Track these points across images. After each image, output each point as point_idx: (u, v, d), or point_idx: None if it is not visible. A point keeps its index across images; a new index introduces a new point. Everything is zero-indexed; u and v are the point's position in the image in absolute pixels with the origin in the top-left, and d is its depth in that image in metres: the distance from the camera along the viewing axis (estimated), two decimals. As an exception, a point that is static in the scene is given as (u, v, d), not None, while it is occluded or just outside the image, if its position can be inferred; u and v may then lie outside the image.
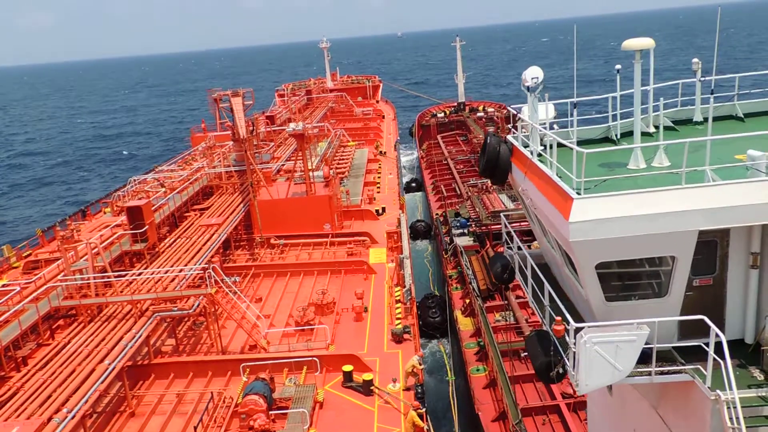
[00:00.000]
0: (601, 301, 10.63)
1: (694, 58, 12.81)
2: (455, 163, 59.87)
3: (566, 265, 11.62)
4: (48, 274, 26.85)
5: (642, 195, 9.78)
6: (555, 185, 10.61)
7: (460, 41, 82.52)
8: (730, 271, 10.63)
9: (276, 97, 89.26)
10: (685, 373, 10.18)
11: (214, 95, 40.08)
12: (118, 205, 36.48)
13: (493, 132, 14.59)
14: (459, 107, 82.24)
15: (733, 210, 9.62)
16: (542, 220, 11.99)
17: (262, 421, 19.46)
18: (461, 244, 37.40)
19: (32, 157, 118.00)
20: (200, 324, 26.64)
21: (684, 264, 10.12)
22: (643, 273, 10.64)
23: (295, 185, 38.67)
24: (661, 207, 9.66)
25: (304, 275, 32.49)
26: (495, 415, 23.14)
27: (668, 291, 10.42)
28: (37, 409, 17.99)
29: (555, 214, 10.48)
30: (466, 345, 28.65)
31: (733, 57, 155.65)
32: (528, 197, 12.45)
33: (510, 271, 14.55)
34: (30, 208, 78.61)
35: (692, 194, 9.70)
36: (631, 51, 11.12)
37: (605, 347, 9.80)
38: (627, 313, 10.36)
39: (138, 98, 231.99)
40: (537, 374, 11.69)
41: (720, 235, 10.32)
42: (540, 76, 12.33)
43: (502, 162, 13.35)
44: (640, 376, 10.24)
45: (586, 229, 9.75)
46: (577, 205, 9.78)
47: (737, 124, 13.87)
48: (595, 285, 10.44)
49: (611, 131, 13.63)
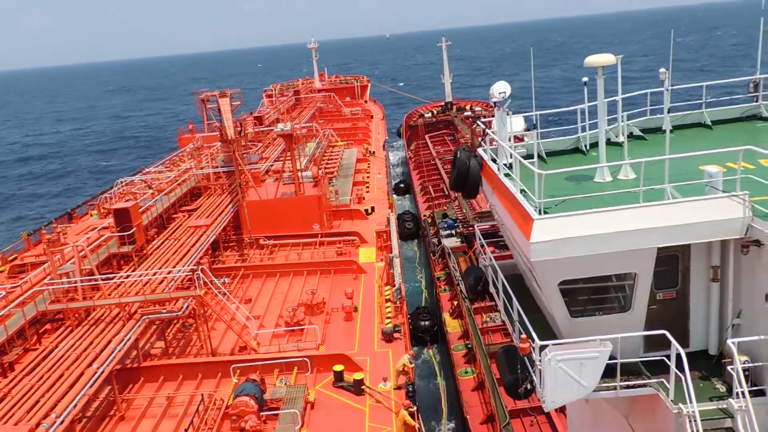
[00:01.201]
0: (566, 318, 10.76)
1: (661, 68, 12.99)
2: (443, 163, 59.92)
3: (534, 279, 11.71)
4: (34, 277, 26.57)
5: (601, 214, 9.88)
6: (518, 204, 10.70)
7: (446, 41, 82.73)
8: (692, 284, 10.77)
9: (264, 97, 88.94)
10: (649, 386, 10.33)
11: (201, 96, 39.84)
12: (105, 208, 36.24)
13: (464, 147, 14.62)
14: (446, 107, 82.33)
15: (691, 227, 9.74)
16: (509, 237, 12.08)
17: (253, 423, 19.39)
18: (449, 246, 37.38)
19: (18, 160, 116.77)
20: (190, 326, 26.50)
21: (645, 280, 10.28)
22: (607, 288, 10.76)
23: (284, 185, 38.58)
24: (620, 225, 9.75)
25: (294, 275, 32.42)
26: (483, 418, 23.21)
27: (631, 306, 10.57)
28: (25, 415, 17.78)
29: (518, 232, 10.59)
30: (455, 347, 28.68)
31: (717, 57, 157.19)
32: (496, 212, 12.54)
33: (484, 283, 14.61)
34: (15, 212, 77.77)
35: (650, 212, 9.80)
36: (594, 67, 11.20)
37: (569, 364, 9.92)
38: (592, 329, 10.48)
39: (123, 101, 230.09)
40: (505, 390, 11.87)
41: (681, 249, 10.46)
42: (507, 90, 12.47)
43: (472, 176, 13.40)
44: (606, 391, 10.38)
45: (547, 249, 9.84)
46: (537, 225, 9.86)
47: (705, 131, 14.05)
48: (559, 302, 10.58)
49: (581, 142, 13.77)
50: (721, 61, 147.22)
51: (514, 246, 12.44)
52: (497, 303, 13.44)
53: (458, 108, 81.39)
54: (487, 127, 13.66)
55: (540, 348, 10.08)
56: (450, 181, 14.32)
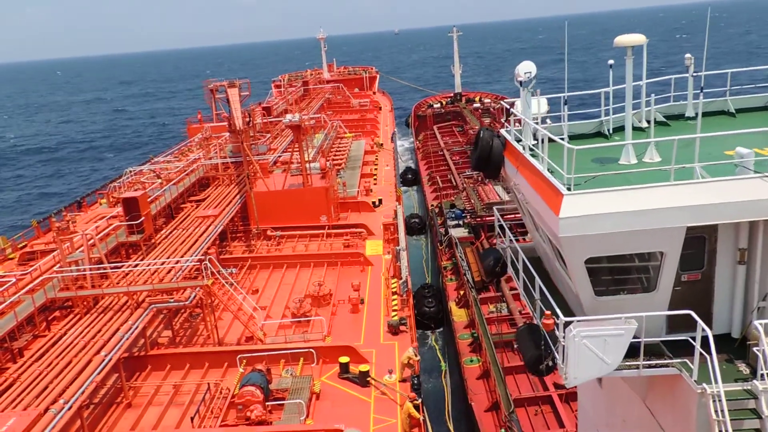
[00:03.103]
0: (591, 296, 10.74)
1: (687, 54, 12.80)
2: (451, 154, 59.86)
3: (557, 259, 11.71)
4: (44, 265, 26.81)
5: (631, 191, 9.86)
6: (546, 181, 10.67)
7: (457, 32, 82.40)
8: (717, 266, 10.72)
9: (273, 88, 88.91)
10: (672, 366, 10.31)
11: (210, 86, 39.87)
12: (114, 196, 36.39)
13: (486, 126, 14.55)
14: (455, 98, 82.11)
15: (721, 207, 9.71)
16: (533, 215, 12.06)
17: (258, 412, 19.53)
18: (456, 236, 37.44)
19: (27, 149, 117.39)
20: (197, 315, 26.66)
21: (672, 259, 10.22)
22: (632, 268, 10.75)
23: (292, 177, 38.59)
24: (650, 203, 9.74)
25: (301, 267, 32.51)
26: (488, 406, 23.31)
27: (656, 286, 10.54)
28: (33, 401, 18.00)
29: (545, 209, 10.55)
30: (460, 336, 28.77)
31: (730, 53, 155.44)
32: (519, 192, 12.50)
33: (502, 265, 14.63)
34: (25, 199, 78.32)
35: (681, 191, 9.78)
36: (623, 47, 11.11)
37: (594, 341, 9.93)
38: (616, 308, 10.47)
39: (127, 96, 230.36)
40: (527, 367, 11.82)
41: (708, 231, 10.40)
42: (533, 70, 12.33)
43: (495, 156, 13.33)
44: (628, 370, 10.36)
45: (576, 225, 9.82)
46: (567, 200, 9.85)
47: (728, 119, 13.94)
48: (584, 280, 10.55)
49: (604, 126, 13.68)
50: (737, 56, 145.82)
51: (537, 227, 12.41)
52: (516, 283, 13.46)
53: (467, 99, 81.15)
54: (511, 108, 13.54)
55: (564, 324, 10.08)
56: (471, 161, 14.26)
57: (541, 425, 22.26)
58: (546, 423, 22.35)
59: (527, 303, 12.66)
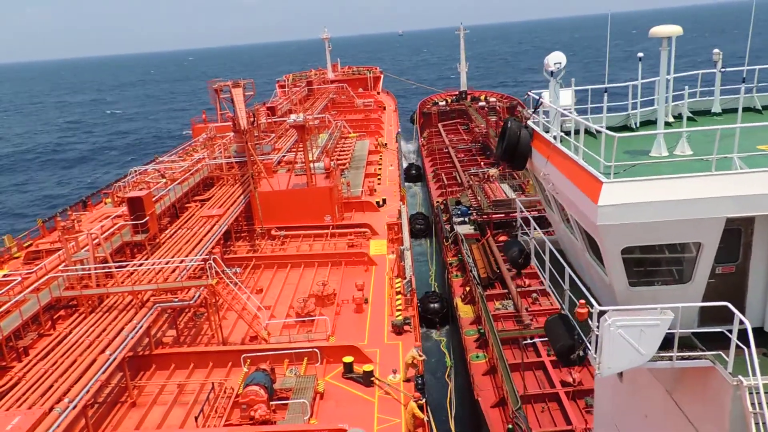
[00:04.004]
0: (625, 286, 10.63)
1: (715, 49, 12.65)
2: (456, 152, 59.96)
3: (587, 250, 11.63)
4: (49, 264, 26.89)
5: (671, 180, 9.78)
6: (582, 169, 10.58)
7: (464, 30, 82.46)
8: (753, 259, 10.62)
9: (277, 87, 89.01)
10: (706, 358, 10.19)
11: (214, 86, 39.95)
12: (118, 196, 36.49)
13: (514, 117, 14.50)
14: (461, 96, 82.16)
15: (762, 198, 9.63)
16: (565, 205, 11.94)
17: (262, 412, 19.53)
18: (462, 232, 37.51)
19: (28, 149, 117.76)
20: (201, 315, 26.69)
21: (709, 251, 10.12)
22: (667, 259, 10.67)
23: (296, 176, 38.62)
24: (690, 193, 9.66)
25: (305, 267, 32.52)
26: (494, 401, 23.30)
27: (692, 277, 10.44)
28: (38, 399, 18.04)
29: (581, 198, 10.46)
30: (466, 332, 28.80)
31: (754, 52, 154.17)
32: (549, 182, 12.40)
33: (525, 256, 14.59)
34: (32, 198, 78.61)
35: (722, 181, 9.68)
36: (658, 38, 10.99)
37: (629, 331, 9.84)
38: (649, 298, 10.40)
39: (134, 94, 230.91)
40: (557, 356, 11.66)
41: (745, 223, 10.32)
42: (563, 61, 12.29)
43: (522, 147, 13.29)
44: (661, 361, 10.27)
45: (615, 213, 9.75)
46: (606, 188, 9.77)
47: (755, 115, 13.85)
48: (619, 270, 10.45)
49: (630, 119, 13.56)
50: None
51: (565, 218, 12.35)
52: (541, 275, 13.41)
53: (472, 98, 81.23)
54: (539, 98, 13.50)
55: (599, 314, 10.01)
56: (497, 152, 14.21)
57: (547, 422, 22.23)
58: (553, 420, 22.32)
59: (553, 294, 12.59)
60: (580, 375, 24.12)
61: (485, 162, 55.43)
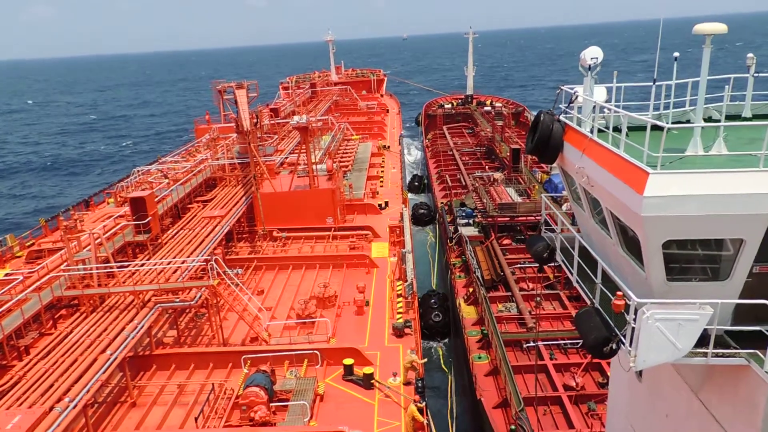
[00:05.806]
0: (662, 281, 10.53)
1: (749, 53, 12.55)
2: (461, 155, 60.26)
3: (620, 244, 11.54)
4: (51, 263, 26.95)
5: (718, 175, 9.67)
6: (626, 161, 10.48)
7: (473, 33, 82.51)
8: None
9: (280, 89, 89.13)
10: (741, 356, 10.08)
11: (218, 87, 40.02)
12: (121, 196, 36.57)
13: (547, 111, 14.47)
14: (466, 99, 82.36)
15: None
16: (601, 199, 11.83)
17: (262, 413, 19.53)
18: (466, 234, 37.58)
19: (30, 149, 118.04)
20: (202, 315, 26.72)
21: (751, 248, 10.01)
22: (706, 255, 10.54)
23: (299, 178, 38.65)
24: (736, 188, 9.55)
25: (306, 268, 32.54)
26: (497, 402, 23.27)
27: (730, 275, 10.33)
28: (38, 399, 18.07)
29: (624, 189, 10.33)
30: (469, 333, 28.80)
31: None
32: (584, 175, 12.28)
33: (551, 252, 14.61)
34: (33, 198, 78.77)
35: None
36: (702, 35, 10.89)
37: (667, 324, 9.73)
38: (686, 294, 10.30)
39: (136, 94, 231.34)
40: (589, 349, 11.46)
41: None
42: (599, 56, 12.23)
43: (555, 140, 13.21)
44: (696, 357, 10.15)
45: (660, 205, 9.64)
46: (652, 179, 9.66)
47: None
48: (658, 263, 10.34)
49: (662, 119, 13.49)
50: None
51: (601, 211, 12.25)
52: (566, 269, 13.36)
53: (478, 102, 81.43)
54: (574, 93, 13.48)
55: (636, 306, 9.92)
56: (527, 145, 14.16)
57: (550, 425, 22.17)
58: (555, 423, 22.27)
59: (581, 289, 12.48)
60: (582, 380, 24.09)
61: (490, 166, 55.74)
